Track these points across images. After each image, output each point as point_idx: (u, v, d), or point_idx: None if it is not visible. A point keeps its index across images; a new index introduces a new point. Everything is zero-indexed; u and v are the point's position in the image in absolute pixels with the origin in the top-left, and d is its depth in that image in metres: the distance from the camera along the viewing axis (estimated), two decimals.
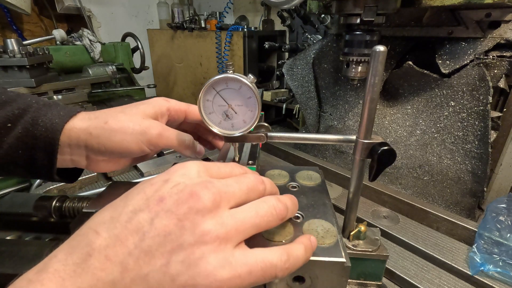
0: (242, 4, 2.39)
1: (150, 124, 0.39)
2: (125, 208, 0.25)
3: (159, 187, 0.26)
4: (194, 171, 0.28)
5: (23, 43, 1.32)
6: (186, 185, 0.26)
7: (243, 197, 0.28)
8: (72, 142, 0.38)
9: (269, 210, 0.27)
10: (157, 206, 0.24)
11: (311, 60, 0.91)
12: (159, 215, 0.24)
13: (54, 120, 0.37)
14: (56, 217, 0.50)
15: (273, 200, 0.28)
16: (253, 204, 0.28)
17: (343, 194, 0.67)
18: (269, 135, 0.39)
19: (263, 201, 0.28)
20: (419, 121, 0.76)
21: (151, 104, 0.41)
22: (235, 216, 0.26)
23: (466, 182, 0.70)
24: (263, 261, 0.25)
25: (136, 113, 0.39)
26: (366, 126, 0.33)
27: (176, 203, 0.24)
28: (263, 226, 0.27)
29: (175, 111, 0.43)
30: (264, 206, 0.27)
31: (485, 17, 0.61)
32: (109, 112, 0.39)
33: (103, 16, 2.41)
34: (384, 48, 0.29)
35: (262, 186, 0.30)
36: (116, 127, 0.37)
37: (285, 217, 0.29)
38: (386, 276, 0.47)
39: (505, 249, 0.46)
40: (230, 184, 0.27)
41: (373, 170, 0.33)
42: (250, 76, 0.35)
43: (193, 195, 0.25)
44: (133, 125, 0.38)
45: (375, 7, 0.56)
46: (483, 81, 0.63)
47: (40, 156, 0.37)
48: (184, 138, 0.41)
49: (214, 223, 0.24)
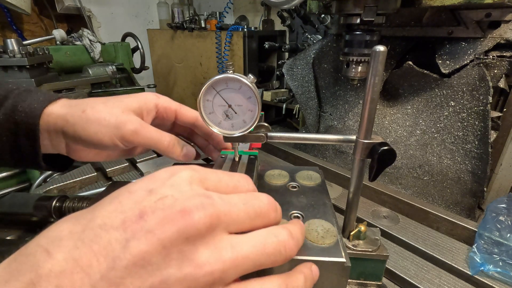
0: (242, 4, 2.39)
1: (128, 119, 0.36)
2: (91, 222, 0.19)
3: (140, 198, 0.20)
4: (185, 180, 0.22)
5: (23, 43, 1.32)
6: (175, 199, 0.20)
7: (246, 224, 0.22)
8: (50, 128, 0.37)
9: (278, 248, 0.22)
10: (135, 223, 0.19)
11: (311, 60, 0.91)
12: (137, 236, 0.18)
13: (33, 105, 0.36)
14: (56, 217, 0.50)
15: (285, 234, 0.23)
16: (261, 235, 0.22)
17: (343, 194, 0.67)
18: (269, 135, 0.39)
19: (273, 234, 0.22)
20: (419, 121, 0.76)
21: (137, 98, 0.39)
22: (235, 248, 0.20)
23: (466, 182, 0.70)
24: None
25: (118, 105, 0.37)
26: (366, 126, 0.33)
27: (161, 223, 0.19)
28: (267, 265, 0.22)
29: (164, 108, 0.41)
30: (273, 241, 0.22)
31: (485, 17, 0.61)
32: (90, 101, 0.38)
33: (103, 16, 2.41)
34: (384, 48, 0.29)
35: (274, 214, 0.24)
36: (92, 117, 0.36)
37: (291, 256, 0.23)
38: (386, 276, 0.47)
39: (505, 249, 0.46)
40: (234, 203, 0.22)
41: (373, 170, 0.33)
42: (250, 76, 0.35)
43: (184, 214, 0.19)
44: (109, 118, 0.36)
45: (375, 7, 0.56)
46: (483, 81, 0.63)
47: (23, 143, 0.37)
48: (164, 139, 0.38)
49: (209, 255, 0.19)
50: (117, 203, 0.20)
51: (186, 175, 0.22)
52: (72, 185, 0.71)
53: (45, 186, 0.70)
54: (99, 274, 0.17)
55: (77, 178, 0.71)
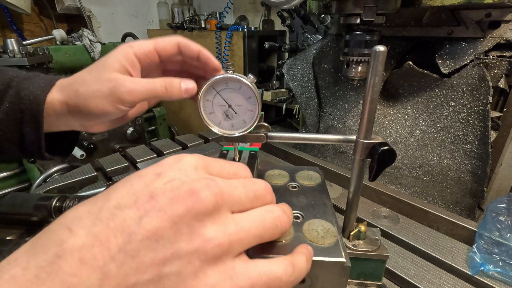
0: (242, 4, 2.39)
1: (117, 82, 0.35)
2: (107, 203, 0.21)
3: (150, 181, 0.22)
4: (191, 165, 0.24)
5: (23, 43, 1.32)
6: (183, 181, 0.22)
7: (247, 205, 0.24)
8: (57, 113, 0.38)
9: (274, 222, 0.25)
10: (147, 203, 0.20)
11: (311, 60, 0.91)
12: (149, 214, 0.20)
13: (36, 92, 0.37)
14: (56, 217, 0.50)
15: (279, 211, 0.26)
16: (259, 212, 0.25)
17: (343, 194, 0.67)
18: (269, 135, 0.39)
19: (269, 211, 0.25)
20: (419, 121, 0.76)
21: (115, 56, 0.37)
22: (239, 223, 0.23)
23: (466, 182, 0.70)
24: (267, 274, 0.22)
25: (102, 71, 0.36)
26: (366, 126, 0.33)
27: (171, 202, 0.21)
28: (266, 238, 0.24)
29: (143, 54, 0.38)
30: (270, 217, 0.25)
31: (485, 17, 0.61)
32: (78, 77, 0.38)
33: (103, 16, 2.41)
34: (384, 48, 0.29)
35: (270, 197, 0.27)
36: (86, 94, 0.36)
37: (286, 230, 0.26)
38: (386, 276, 0.47)
39: (505, 249, 0.46)
40: (236, 186, 0.24)
41: (373, 170, 0.33)
42: (250, 76, 0.35)
43: (192, 193, 0.21)
44: (101, 88, 0.35)
45: (375, 7, 0.56)
46: (483, 81, 0.63)
47: (28, 130, 0.38)
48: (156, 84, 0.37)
49: (216, 230, 0.21)
50: (129, 186, 0.22)
51: (191, 160, 0.24)
52: (72, 185, 0.71)
53: (45, 186, 0.70)
54: (117, 247, 0.19)
55: (77, 178, 0.71)
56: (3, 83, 0.38)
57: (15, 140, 0.39)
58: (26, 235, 0.52)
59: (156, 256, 0.19)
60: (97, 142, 1.63)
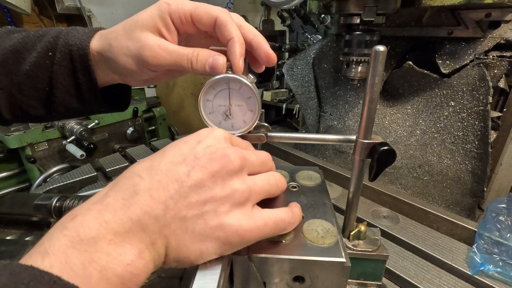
0: (242, 4, 2.39)
1: (146, 44, 0.34)
2: (163, 159, 0.28)
3: (194, 146, 0.29)
4: (221, 136, 0.31)
5: None
6: (218, 147, 0.29)
7: (257, 168, 0.32)
8: (97, 61, 0.40)
9: (275, 182, 0.33)
10: (193, 161, 0.28)
11: (311, 60, 0.91)
12: (195, 169, 0.27)
13: (82, 38, 0.39)
14: (56, 217, 0.50)
15: (277, 174, 0.34)
16: (265, 174, 0.32)
17: (343, 194, 0.67)
18: (269, 135, 0.39)
19: (271, 174, 0.33)
20: (419, 121, 0.76)
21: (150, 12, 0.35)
22: (254, 181, 0.30)
23: (466, 182, 0.70)
24: (275, 216, 0.30)
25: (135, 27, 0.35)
26: (366, 126, 0.33)
27: (210, 161, 0.28)
28: (271, 193, 0.33)
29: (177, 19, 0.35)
30: (272, 178, 0.33)
31: (485, 17, 0.61)
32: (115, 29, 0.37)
33: (103, 16, 2.41)
34: (384, 48, 0.29)
35: (271, 163, 0.35)
36: (117, 49, 0.36)
37: (283, 190, 0.35)
38: (386, 276, 0.47)
39: (505, 249, 0.46)
40: (250, 154, 0.31)
41: (373, 170, 0.33)
42: (250, 76, 0.35)
43: (224, 156, 0.28)
44: (130, 46, 0.35)
45: (375, 7, 0.56)
46: (483, 81, 0.63)
47: (81, 78, 0.40)
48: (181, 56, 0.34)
49: (240, 183, 0.28)
50: (177, 149, 0.29)
51: (221, 133, 0.32)
52: (72, 185, 0.71)
53: (45, 186, 0.70)
54: (174, 190, 0.26)
55: (77, 178, 0.71)
56: (52, 36, 0.40)
57: (73, 91, 0.41)
58: (26, 235, 0.52)
59: (200, 198, 0.27)
60: (97, 142, 1.63)
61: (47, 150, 1.48)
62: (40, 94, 0.41)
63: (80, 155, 1.43)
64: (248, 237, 0.28)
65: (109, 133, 1.71)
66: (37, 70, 0.39)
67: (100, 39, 0.39)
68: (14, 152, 1.45)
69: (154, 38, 0.35)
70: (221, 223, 0.27)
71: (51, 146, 1.49)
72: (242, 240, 0.28)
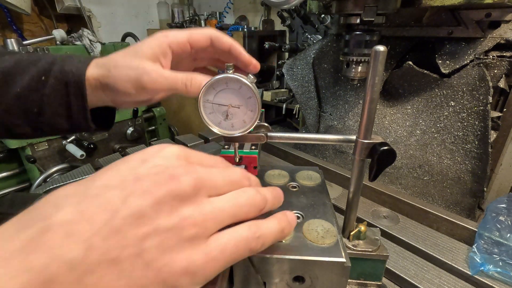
0: (242, 4, 2.39)
1: (144, 71, 0.38)
2: (95, 182, 0.22)
3: (136, 165, 0.24)
4: (174, 155, 0.26)
5: (23, 43, 1.32)
6: (166, 167, 0.24)
7: (224, 190, 0.26)
8: (92, 87, 0.41)
9: (248, 201, 0.26)
10: (133, 185, 0.22)
11: (311, 60, 0.91)
12: (135, 194, 0.22)
13: (78, 65, 0.40)
14: None
15: (252, 191, 0.27)
16: (232, 193, 0.26)
17: (343, 194, 0.67)
18: (269, 135, 0.39)
19: (243, 191, 0.27)
20: (419, 121, 0.76)
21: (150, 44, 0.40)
22: (213, 204, 0.24)
23: (466, 182, 0.70)
24: (234, 236, 0.24)
25: (134, 57, 0.39)
26: (366, 126, 0.33)
27: (154, 185, 0.22)
28: (242, 216, 0.26)
29: (176, 45, 0.40)
30: (243, 196, 0.26)
31: (485, 17, 0.61)
32: (113, 58, 0.41)
33: (103, 16, 2.41)
34: (384, 48, 0.29)
35: (246, 182, 0.28)
36: (116, 76, 0.39)
37: (263, 209, 0.28)
38: (386, 276, 0.47)
39: (505, 249, 0.46)
40: (213, 173, 0.26)
41: (373, 170, 0.33)
42: (250, 76, 0.35)
43: (173, 178, 0.23)
44: (130, 73, 0.39)
45: (375, 7, 0.56)
46: (483, 81, 0.63)
47: (74, 101, 0.41)
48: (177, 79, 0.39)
49: (193, 210, 0.23)
50: (115, 169, 0.24)
51: (174, 150, 0.26)
52: None
53: (45, 186, 0.70)
54: (101, 222, 0.20)
55: (77, 178, 0.71)
56: (47, 62, 0.41)
57: (63, 113, 0.42)
58: None
59: (138, 232, 0.21)
60: (97, 142, 1.63)
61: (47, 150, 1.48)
62: (28, 115, 0.41)
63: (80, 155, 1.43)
64: (203, 274, 0.23)
65: (109, 133, 1.71)
66: (28, 93, 0.40)
67: (97, 66, 0.41)
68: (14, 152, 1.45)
69: (153, 65, 0.39)
70: (166, 263, 0.21)
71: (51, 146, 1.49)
72: (195, 279, 0.22)
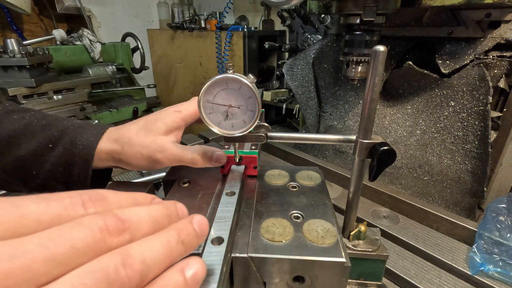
0: (242, 4, 2.39)
1: (156, 149, 0.41)
2: None
3: None
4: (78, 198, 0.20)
5: (23, 43, 1.32)
6: None
7: (148, 231, 0.20)
8: (102, 158, 0.42)
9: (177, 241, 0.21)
10: None
11: (311, 60, 0.91)
12: None
13: (90, 139, 0.41)
14: None
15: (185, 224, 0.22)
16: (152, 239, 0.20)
17: (343, 194, 0.67)
18: (269, 135, 0.39)
19: (173, 230, 0.21)
20: (419, 121, 0.76)
21: (164, 120, 0.42)
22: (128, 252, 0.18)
23: (466, 182, 0.70)
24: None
25: (148, 133, 0.42)
26: (366, 126, 0.33)
27: None
28: (174, 258, 0.20)
29: (189, 117, 0.44)
30: (173, 238, 0.20)
31: (485, 17, 0.61)
32: (126, 134, 0.42)
33: (103, 16, 2.41)
34: (384, 48, 0.29)
35: (175, 218, 0.23)
36: (130, 153, 0.41)
37: (195, 246, 0.22)
38: (386, 276, 0.47)
39: (505, 249, 0.46)
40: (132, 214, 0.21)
41: (373, 170, 0.33)
42: (250, 76, 0.35)
43: None
44: (143, 151, 0.41)
45: (375, 7, 0.56)
46: (483, 81, 0.63)
47: (76, 172, 0.41)
48: (186, 157, 0.42)
49: None
50: None
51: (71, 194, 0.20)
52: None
53: None
54: None
55: None
56: (58, 130, 0.41)
57: (62, 179, 0.42)
58: None
59: None
60: None
61: None
62: (26, 177, 0.41)
63: None
64: None
65: None
66: (31, 158, 0.40)
67: (109, 140, 0.42)
68: None
69: (166, 143, 0.42)
70: None
71: None
72: None
